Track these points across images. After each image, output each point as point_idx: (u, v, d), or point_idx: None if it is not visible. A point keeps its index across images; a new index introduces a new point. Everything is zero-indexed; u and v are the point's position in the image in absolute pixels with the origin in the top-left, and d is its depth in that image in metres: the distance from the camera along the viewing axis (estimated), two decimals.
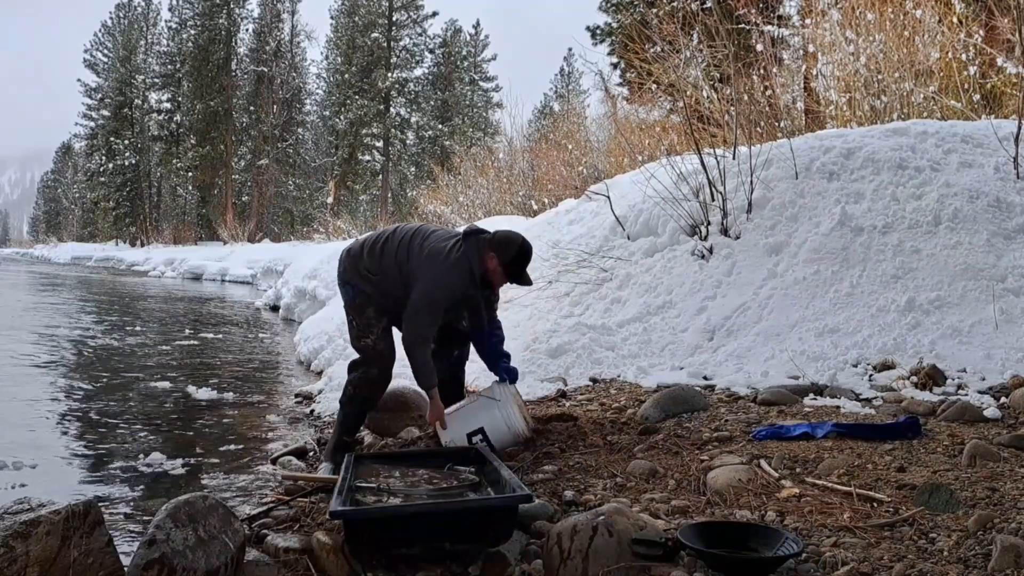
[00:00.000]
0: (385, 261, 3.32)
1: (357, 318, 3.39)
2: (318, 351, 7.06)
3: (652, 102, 12.18)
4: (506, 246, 3.26)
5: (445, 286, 3.18)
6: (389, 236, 3.39)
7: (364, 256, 3.38)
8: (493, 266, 3.24)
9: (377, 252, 3.35)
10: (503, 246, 3.26)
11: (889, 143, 6.22)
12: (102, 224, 58.28)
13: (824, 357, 4.39)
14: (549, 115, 33.11)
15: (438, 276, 3.16)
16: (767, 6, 10.01)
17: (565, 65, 48.52)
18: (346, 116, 42.03)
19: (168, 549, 1.96)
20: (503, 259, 3.24)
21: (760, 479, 2.69)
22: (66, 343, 8.37)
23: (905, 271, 4.94)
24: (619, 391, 4.38)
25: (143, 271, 33.14)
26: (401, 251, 3.29)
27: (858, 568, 1.97)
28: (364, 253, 3.38)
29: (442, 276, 3.16)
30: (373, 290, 3.35)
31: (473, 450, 2.96)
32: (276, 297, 14.11)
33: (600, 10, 18.65)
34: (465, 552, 2.29)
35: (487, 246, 3.24)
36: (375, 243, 3.40)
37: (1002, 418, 3.35)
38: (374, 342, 3.34)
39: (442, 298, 3.20)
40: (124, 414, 4.92)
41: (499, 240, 3.27)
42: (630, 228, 6.54)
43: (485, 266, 3.23)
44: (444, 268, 3.16)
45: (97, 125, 55.16)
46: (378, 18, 43.38)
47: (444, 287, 3.18)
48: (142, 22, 54.77)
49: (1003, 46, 8.28)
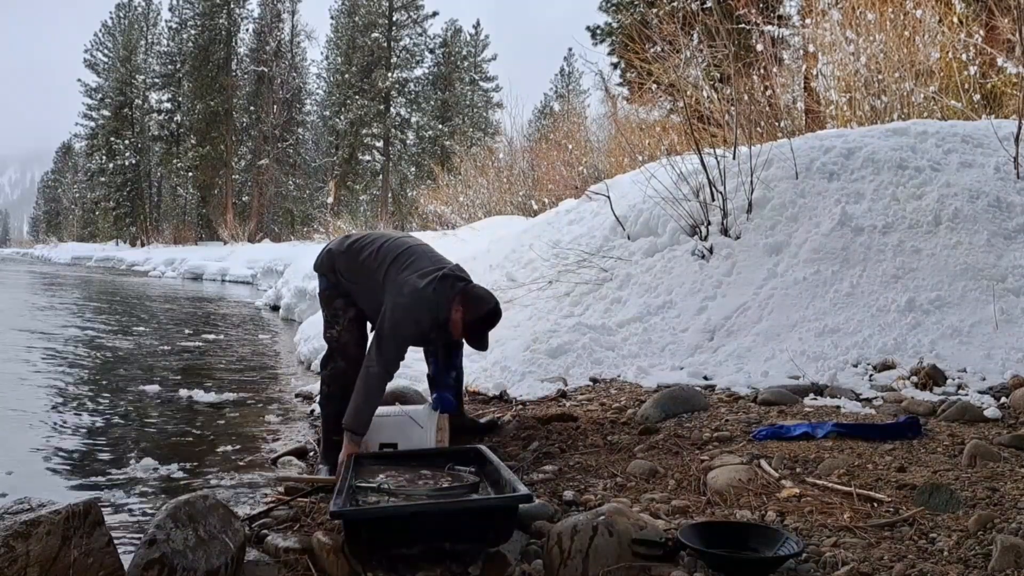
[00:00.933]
0: (361, 274, 3.31)
1: (326, 308, 3.41)
2: (318, 351, 7.05)
3: (652, 102, 12.17)
4: (476, 305, 3.16)
5: (412, 320, 3.10)
6: (373, 252, 3.30)
7: (343, 259, 3.37)
8: (456, 318, 3.15)
9: (357, 264, 3.32)
10: (474, 303, 3.16)
11: (889, 143, 6.22)
12: (102, 224, 58.28)
13: (824, 357, 4.39)
14: (549, 115, 33.14)
15: (407, 307, 3.08)
16: (767, 6, 10.01)
17: (565, 65, 48.59)
18: (346, 116, 42.04)
19: (168, 549, 1.96)
20: (468, 316, 3.15)
21: (760, 479, 2.69)
22: (66, 343, 8.37)
23: (905, 271, 4.94)
24: (619, 391, 4.38)
25: (143, 271, 33.14)
26: (379, 272, 3.24)
27: (858, 568, 1.97)
28: (344, 257, 3.37)
29: (410, 309, 3.08)
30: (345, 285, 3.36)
31: (473, 450, 2.96)
32: (276, 297, 14.10)
33: (600, 10, 18.67)
34: (465, 552, 2.29)
35: (459, 296, 3.15)
36: (358, 252, 3.33)
37: (1002, 418, 3.35)
38: (339, 333, 3.32)
39: (409, 333, 3.12)
40: (123, 415, 4.92)
41: (472, 295, 3.18)
42: (630, 228, 6.54)
43: (448, 314, 3.14)
44: (412, 302, 3.08)
45: (97, 125, 55.17)
46: (378, 18, 43.39)
47: (411, 322, 3.10)
48: (142, 22, 54.80)
49: (1003, 46, 8.28)
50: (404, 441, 3.22)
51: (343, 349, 3.33)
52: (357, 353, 3.31)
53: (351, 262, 3.34)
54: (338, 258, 3.38)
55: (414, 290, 3.08)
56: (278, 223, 46.45)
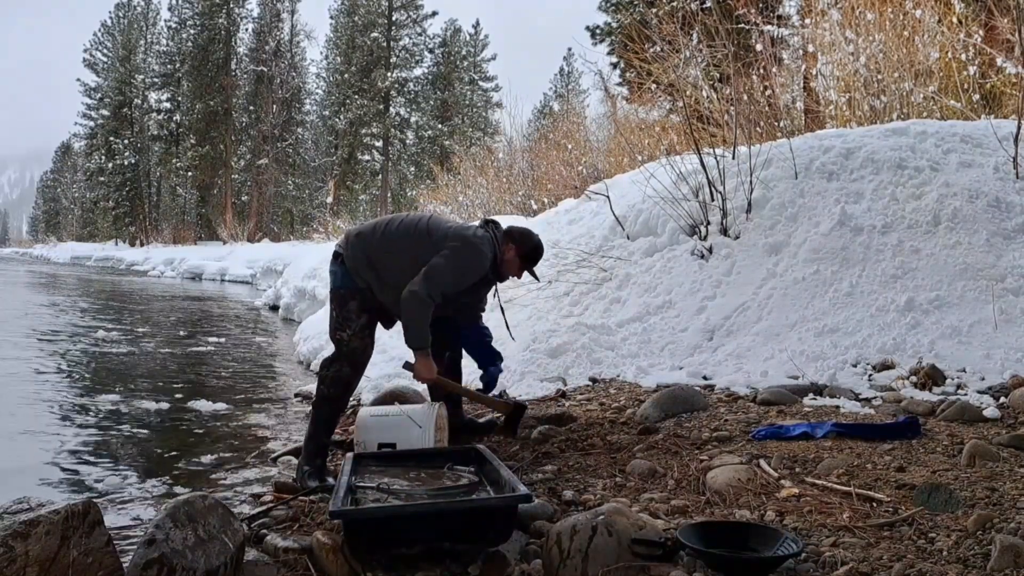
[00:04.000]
0: (400, 237, 3.27)
1: (338, 309, 3.30)
2: (317, 351, 7.06)
3: (652, 102, 12.17)
4: (526, 238, 3.46)
5: (476, 259, 3.24)
6: (404, 217, 3.44)
7: (376, 235, 3.31)
8: (511, 256, 3.40)
9: (393, 228, 3.32)
10: (522, 238, 3.45)
11: (889, 143, 6.22)
12: (101, 224, 58.26)
13: (824, 357, 4.39)
14: (549, 115, 33.06)
15: (469, 249, 3.21)
16: (767, 6, 10.01)
17: (565, 65, 48.54)
18: (346, 116, 42.02)
19: (167, 549, 1.95)
20: (521, 250, 3.41)
21: (759, 479, 2.69)
22: (65, 343, 8.37)
23: (904, 271, 4.94)
24: (618, 391, 4.38)
25: (142, 271, 33.13)
26: (421, 226, 3.30)
27: (857, 568, 1.97)
28: (376, 232, 3.32)
29: (473, 250, 3.22)
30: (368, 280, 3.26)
31: (473, 450, 2.96)
32: (276, 297, 14.10)
33: (600, 10, 18.66)
34: (465, 552, 2.29)
35: (507, 236, 3.41)
36: (389, 222, 3.38)
37: (1001, 418, 3.35)
38: (349, 337, 3.25)
39: (470, 269, 3.24)
40: (122, 414, 4.92)
41: (518, 232, 3.47)
42: (630, 228, 6.54)
43: (503, 255, 3.36)
44: (474, 244, 3.23)
45: (97, 125, 55.13)
46: (378, 18, 43.37)
47: (475, 260, 3.24)
48: (142, 22, 54.74)
49: (1003, 46, 8.28)
50: (403, 441, 3.21)
51: (351, 355, 3.26)
52: (363, 361, 3.29)
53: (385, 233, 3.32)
54: (369, 240, 3.31)
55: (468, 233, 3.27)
56: (277, 223, 46.43)
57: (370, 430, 3.24)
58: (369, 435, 3.22)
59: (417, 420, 3.27)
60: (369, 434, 3.23)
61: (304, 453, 3.25)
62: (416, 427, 3.25)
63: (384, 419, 3.30)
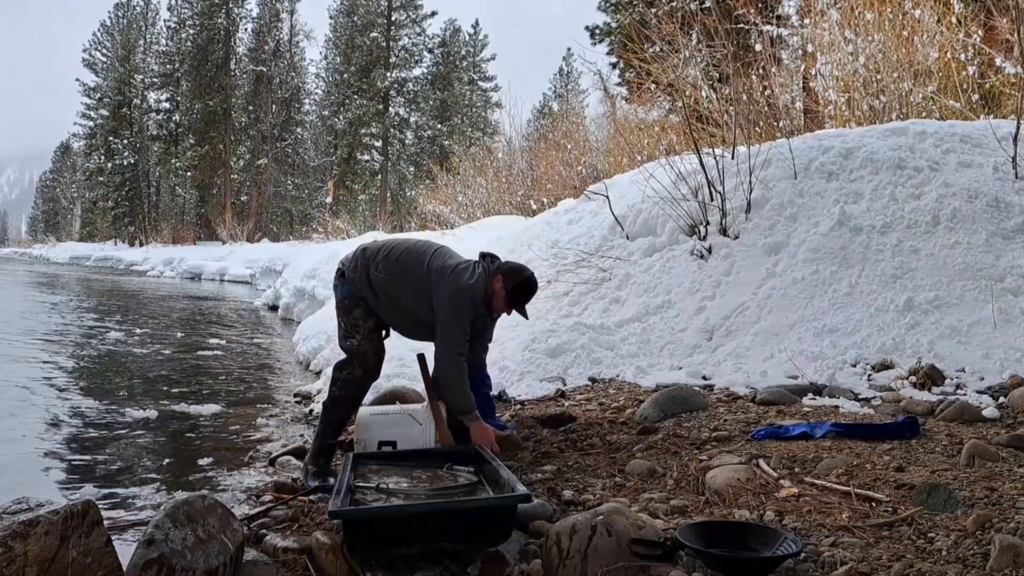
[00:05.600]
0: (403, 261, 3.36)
1: (344, 318, 3.39)
2: (317, 351, 7.06)
3: (651, 102, 12.18)
4: (515, 273, 3.40)
5: (468, 298, 3.26)
6: (412, 245, 3.48)
7: (380, 255, 3.40)
8: (498, 288, 3.34)
9: (398, 252, 3.40)
10: (511, 272, 3.40)
11: (888, 143, 6.23)
12: (101, 224, 58.19)
13: (823, 357, 4.39)
14: (548, 115, 33.09)
15: (461, 288, 3.24)
16: (766, 6, 10.02)
17: (564, 65, 48.49)
18: (345, 116, 41.99)
19: (167, 549, 1.95)
20: (508, 284, 3.35)
21: (759, 479, 2.69)
22: (64, 342, 8.36)
23: (904, 271, 4.94)
24: (618, 391, 4.38)
25: (142, 271, 33.11)
26: (421, 265, 3.35)
27: (857, 568, 1.97)
28: (381, 253, 3.42)
29: (464, 289, 3.24)
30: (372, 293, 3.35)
31: (473, 450, 2.96)
32: (275, 297, 14.10)
33: (599, 10, 18.66)
34: (464, 552, 2.29)
35: (497, 269, 3.38)
36: (396, 245, 3.46)
37: (1001, 418, 3.35)
38: (359, 343, 3.33)
39: (466, 308, 3.26)
40: (121, 414, 4.92)
41: (509, 267, 3.42)
42: (629, 228, 6.54)
43: (492, 288, 3.33)
44: (464, 282, 3.26)
45: (96, 125, 55.08)
46: (377, 18, 43.34)
47: (467, 299, 3.25)
48: (141, 22, 54.67)
49: (1002, 46, 8.29)
50: (404, 440, 3.21)
51: (363, 358, 3.33)
52: (375, 364, 3.36)
53: (388, 260, 3.38)
54: (374, 256, 3.40)
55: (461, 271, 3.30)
56: (277, 223, 46.40)
57: (370, 428, 3.24)
58: (369, 433, 3.23)
59: (418, 419, 3.27)
60: (369, 432, 3.23)
61: (310, 452, 3.32)
62: (417, 425, 3.25)
63: (384, 417, 3.31)
